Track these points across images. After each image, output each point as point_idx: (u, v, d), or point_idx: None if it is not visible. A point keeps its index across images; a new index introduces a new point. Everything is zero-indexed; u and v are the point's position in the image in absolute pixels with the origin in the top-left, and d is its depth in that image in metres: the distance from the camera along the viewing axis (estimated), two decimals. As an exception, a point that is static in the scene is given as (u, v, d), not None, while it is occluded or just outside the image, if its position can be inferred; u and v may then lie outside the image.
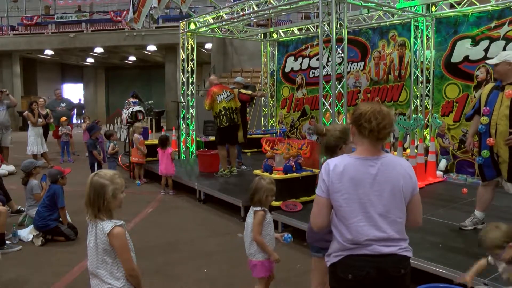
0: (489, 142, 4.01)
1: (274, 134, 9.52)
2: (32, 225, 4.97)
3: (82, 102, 22.05)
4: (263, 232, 3.07)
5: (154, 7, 8.49)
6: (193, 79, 9.45)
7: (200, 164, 7.81)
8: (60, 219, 4.97)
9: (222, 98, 7.12)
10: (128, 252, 2.27)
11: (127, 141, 9.48)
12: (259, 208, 3.07)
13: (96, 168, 7.33)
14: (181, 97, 9.47)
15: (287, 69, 10.74)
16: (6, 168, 8.89)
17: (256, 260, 3.08)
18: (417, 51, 7.43)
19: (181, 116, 9.44)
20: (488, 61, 4.10)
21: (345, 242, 2.00)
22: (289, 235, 3.21)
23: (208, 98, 7.15)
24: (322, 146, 2.78)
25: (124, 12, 17.59)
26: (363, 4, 6.49)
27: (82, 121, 14.68)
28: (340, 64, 5.94)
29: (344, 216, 1.98)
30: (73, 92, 25.99)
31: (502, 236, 2.52)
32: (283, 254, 4.48)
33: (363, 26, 8.64)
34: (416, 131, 6.96)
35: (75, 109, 13.59)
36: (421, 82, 7.47)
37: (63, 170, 5.20)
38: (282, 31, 10.51)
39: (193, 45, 9.36)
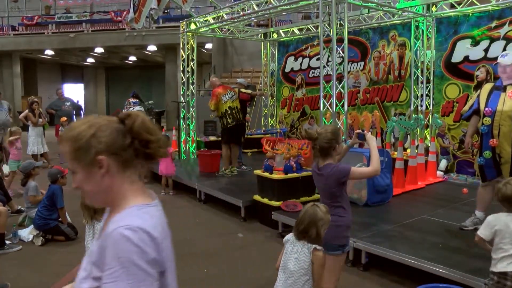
0: (492, 143, 3.99)
1: (275, 134, 9.52)
2: (32, 225, 4.97)
3: (80, 102, 22.01)
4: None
5: (154, 8, 8.50)
6: (194, 79, 9.44)
7: (201, 164, 7.81)
8: (60, 218, 4.97)
9: (227, 98, 7.18)
10: None
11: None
12: (319, 247, 2.54)
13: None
14: (182, 97, 9.47)
15: (287, 69, 10.74)
16: (7, 169, 8.89)
17: None
18: (418, 51, 7.43)
19: (182, 116, 9.43)
20: (501, 61, 4.01)
21: None
22: None
23: (213, 98, 7.18)
24: (316, 150, 2.79)
25: (125, 12, 17.59)
26: (363, 4, 6.49)
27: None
28: (340, 64, 5.94)
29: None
30: (74, 92, 25.99)
31: None
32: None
33: (363, 26, 8.63)
34: (417, 131, 6.95)
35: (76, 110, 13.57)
36: (422, 82, 7.47)
37: (63, 170, 5.20)
38: (283, 31, 10.51)
39: (194, 45, 9.36)
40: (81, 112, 15.23)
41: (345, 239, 2.84)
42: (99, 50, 20.11)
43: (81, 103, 21.54)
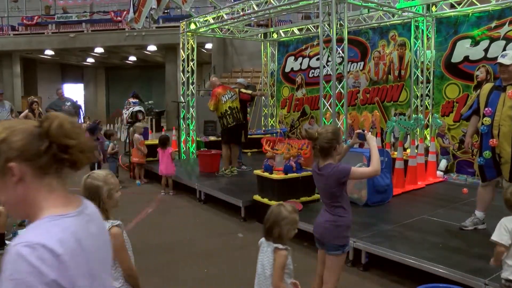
0: (492, 143, 3.99)
1: (275, 134, 9.52)
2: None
3: (80, 102, 21.99)
4: (285, 272, 2.48)
5: (153, 8, 8.50)
6: (193, 79, 9.44)
7: (200, 164, 7.81)
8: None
9: (227, 98, 7.17)
10: (125, 252, 2.28)
11: (127, 141, 9.48)
12: (281, 246, 2.46)
13: (96, 168, 7.33)
14: (181, 97, 9.47)
15: (287, 69, 10.74)
16: None
17: None
18: (418, 51, 7.43)
19: (181, 116, 9.44)
20: (500, 60, 4.00)
21: None
22: None
23: (213, 98, 7.18)
24: (316, 150, 2.79)
25: (125, 12, 17.58)
26: (363, 4, 6.49)
27: (82, 121, 14.67)
28: (340, 64, 5.94)
29: None
30: (74, 92, 26.00)
31: None
32: (283, 254, 4.49)
33: (363, 26, 8.63)
34: (417, 131, 6.95)
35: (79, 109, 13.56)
36: (422, 82, 7.47)
37: None
38: (282, 31, 10.51)
39: (193, 45, 9.36)
40: (80, 112, 15.22)
41: (345, 239, 2.84)
42: (99, 50, 20.11)
43: (81, 103, 21.51)
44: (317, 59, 8.82)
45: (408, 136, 7.14)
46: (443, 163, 7.24)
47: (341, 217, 2.78)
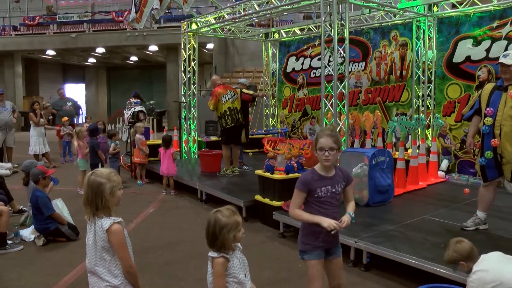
0: (493, 143, 3.98)
1: (276, 134, 9.52)
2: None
3: (81, 102, 22.02)
4: (231, 281, 2.28)
5: (156, 8, 8.51)
6: (195, 79, 9.45)
7: (202, 164, 7.81)
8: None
9: (227, 99, 7.16)
10: (126, 249, 2.29)
11: (128, 141, 9.49)
12: (215, 255, 2.28)
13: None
14: (183, 97, 9.48)
15: (289, 69, 10.74)
16: (4, 166, 8.93)
17: None
18: (419, 51, 7.43)
19: (183, 116, 9.44)
20: (502, 60, 3.99)
21: None
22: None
23: (213, 98, 7.17)
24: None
25: (126, 12, 17.62)
26: (364, 4, 6.48)
27: (84, 121, 14.69)
28: (341, 64, 5.94)
29: None
30: (75, 92, 26.04)
31: (456, 254, 2.80)
32: (284, 254, 4.49)
33: (364, 26, 8.63)
34: (418, 131, 6.94)
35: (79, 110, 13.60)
36: (423, 82, 7.46)
37: (46, 170, 5.12)
38: (284, 31, 10.51)
39: (195, 45, 9.36)
40: (80, 111, 15.23)
41: (304, 246, 2.66)
42: (100, 50, 20.13)
43: (82, 103, 21.55)
44: (319, 59, 8.81)
45: (410, 136, 7.13)
46: (444, 163, 7.23)
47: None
